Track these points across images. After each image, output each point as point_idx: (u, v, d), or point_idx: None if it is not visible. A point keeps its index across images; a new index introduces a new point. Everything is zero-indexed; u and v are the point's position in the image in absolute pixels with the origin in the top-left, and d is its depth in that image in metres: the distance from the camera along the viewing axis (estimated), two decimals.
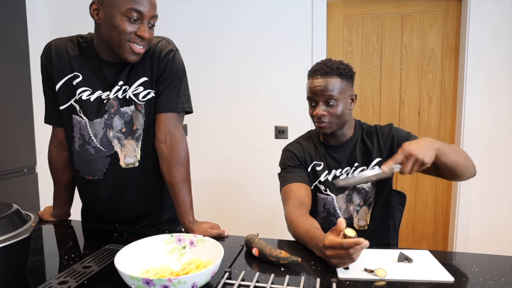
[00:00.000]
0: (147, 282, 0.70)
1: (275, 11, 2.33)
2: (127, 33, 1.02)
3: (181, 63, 1.19)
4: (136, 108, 1.14)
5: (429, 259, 0.95)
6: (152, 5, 1.05)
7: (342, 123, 1.24)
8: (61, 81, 1.14)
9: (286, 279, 0.83)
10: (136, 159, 1.17)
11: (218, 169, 2.53)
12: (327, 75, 1.20)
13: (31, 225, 0.83)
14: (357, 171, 1.27)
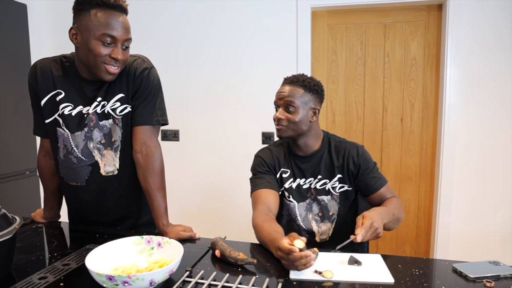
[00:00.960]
0: (109, 278, 0.80)
1: (260, 20, 2.41)
2: (102, 56, 1.11)
3: (156, 80, 1.27)
4: (114, 121, 1.23)
5: (378, 262, 1.03)
6: (125, 29, 1.13)
7: (299, 131, 1.30)
8: (45, 98, 1.23)
9: (239, 278, 0.92)
10: (115, 168, 1.26)
11: (207, 173, 2.63)
12: (292, 84, 1.30)
13: (15, 227, 0.94)
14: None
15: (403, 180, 2.41)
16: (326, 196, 1.35)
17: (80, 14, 1.11)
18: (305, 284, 0.91)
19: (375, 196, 1.33)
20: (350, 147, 1.35)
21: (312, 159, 1.36)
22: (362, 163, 1.32)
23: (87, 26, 1.10)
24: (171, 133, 2.67)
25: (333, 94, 2.44)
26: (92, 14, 1.09)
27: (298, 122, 1.28)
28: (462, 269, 0.97)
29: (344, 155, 1.34)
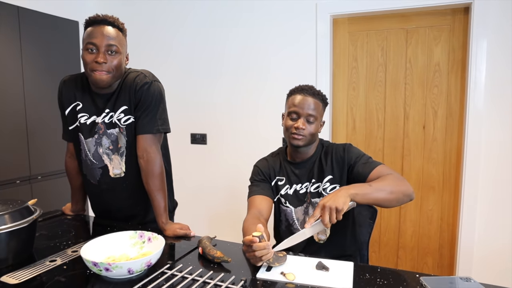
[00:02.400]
0: (94, 264, 0.96)
1: (280, 29, 2.49)
2: (89, 63, 1.28)
3: (157, 92, 1.40)
4: (119, 130, 1.40)
5: (346, 270, 1.07)
6: (105, 36, 1.28)
7: (312, 141, 1.40)
8: (68, 108, 1.45)
9: (210, 273, 1.04)
10: (122, 171, 1.44)
11: (231, 175, 2.77)
12: (314, 96, 1.38)
13: (33, 217, 1.15)
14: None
15: (425, 189, 2.34)
16: (319, 198, 1.40)
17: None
18: (267, 284, 0.99)
19: (370, 180, 1.31)
20: (336, 147, 1.43)
21: (306, 165, 1.44)
22: (348, 156, 1.38)
23: (82, 42, 1.31)
24: (200, 137, 2.85)
25: (353, 101, 2.45)
26: (85, 32, 1.31)
27: (314, 133, 1.38)
28: (427, 283, 0.98)
29: (331, 155, 1.41)
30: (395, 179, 1.25)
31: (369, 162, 1.34)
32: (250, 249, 1.03)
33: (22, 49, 2.40)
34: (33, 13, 2.47)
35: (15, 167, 2.39)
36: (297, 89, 1.42)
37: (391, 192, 1.21)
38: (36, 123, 2.51)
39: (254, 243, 1.02)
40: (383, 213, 2.45)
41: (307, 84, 1.45)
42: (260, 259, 1.03)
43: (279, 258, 1.09)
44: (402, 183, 1.24)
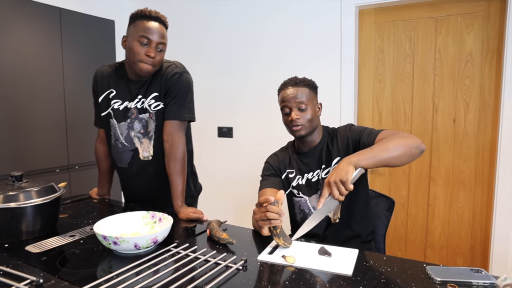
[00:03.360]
0: (104, 237, 1.03)
1: (303, 22, 2.48)
2: (139, 54, 1.39)
3: (186, 82, 1.51)
4: (149, 115, 1.50)
5: (349, 256, 1.05)
6: (159, 34, 1.40)
7: (313, 127, 1.40)
8: (102, 95, 1.56)
9: (213, 252, 1.07)
10: (150, 154, 1.53)
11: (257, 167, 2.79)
12: (296, 85, 1.40)
13: (56, 195, 1.25)
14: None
15: (455, 186, 2.22)
16: None
17: (129, 25, 1.43)
18: (267, 265, 1.01)
19: None
20: (340, 129, 1.44)
21: (314, 152, 1.45)
22: (352, 133, 1.38)
23: (132, 32, 1.41)
24: (226, 130, 2.91)
25: (379, 94, 2.38)
26: (136, 23, 1.40)
27: (311, 118, 1.39)
28: (432, 272, 0.95)
29: (337, 138, 1.42)
30: (398, 135, 1.23)
31: (372, 132, 1.34)
32: (263, 209, 1.06)
33: (63, 47, 2.59)
34: (73, 14, 2.65)
35: (55, 157, 2.58)
36: (280, 86, 1.45)
37: (396, 148, 1.18)
38: (75, 116, 2.69)
39: (268, 202, 1.05)
40: (410, 210, 2.36)
41: (292, 77, 1.46)
42: (269, 221, 1.06)
43: (286, 236, 1.11)
44: (406, 137, 1.22)
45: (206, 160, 2.98)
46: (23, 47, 2.36)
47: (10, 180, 1.23)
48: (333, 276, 0.94)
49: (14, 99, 2.34)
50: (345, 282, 0.91)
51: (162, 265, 0.98)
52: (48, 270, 0.95)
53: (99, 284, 0.86)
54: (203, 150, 2.98)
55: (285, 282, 0.91)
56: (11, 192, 1.14)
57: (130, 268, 0.96)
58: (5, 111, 2.29)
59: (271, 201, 1.07)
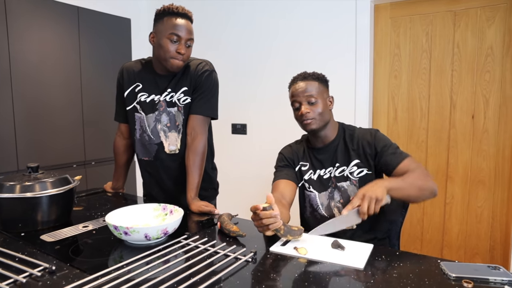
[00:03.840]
0: (115, 227, 1.04)
1: (319, 18, 2.46)
2: (169, 51, 1.42)
3: (214, 81, 1.55)
4: (178, 109, 1.53)
5: (363, 250, 1.03)
6: (187, 31, 1.44)
7: (324, 121, 1.38)
8: (128, 89, 1.59)
9: (222, 245, 1.07)
10: (177, 148, 1.56)
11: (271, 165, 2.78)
12: (305, 79, 1.39)
13: (70, 186, 1.27)
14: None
15: (474, 184, 2.16)
16: (345, 182, 1.39)
17: (157, 22, 1.46)
18: (278, 257, 1.00)
19: (398, 172, 1.30)
20: (363, 132, 1.40)
21: (329, 149, 1.42)
22: (377, 142, 1.35)
23: (160, 29, 1.43)
24: (240, 127, 2.91)
25: (395, 90, 2.33)
26: (165, 20, 1.43)
27: (322, 112, 1.37)
28: (447, 268, 0.92)
29: (358, 140, 1.38)
30: (423, 174, 1.25)
31: (397, 153, 1.32)
32: (257, 217, 1.05)
33: (80, 45, 2.64)
34: (91, 12, 2.70)
35: (72, 153, 2.64)
36: (290, 82, 1.44)
37: (421, 189, 1.22)
38: (91, 113, 2.74)
39: (257, 210, 1.03)
40: (426, 209, 2.31)
41: (302, 72, 1.44)
42: (267, 227, 1.04)
43: (292, 231, 1.09)
44: (429, 179, 1.25)
45: (220, 157, 2.98)
46: (42, 45, 2.42)
47: (27, 171, 1.26)
48: (344, 268, 0.93)
49: (33, 96, 2.40)
50: (356, 276, 0.89)
51: (172, 256, 0.99)
52: (61, 258, 0.97)
53: (109, 272, 0.87)
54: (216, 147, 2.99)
55: (294, 274, 0.90)
56: (27, 183, 1.17)
57: (140, 258, 0.97)
58: (25, 108, 2.35)
59: (260, 208, 1.04)
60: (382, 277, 0.88)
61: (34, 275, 0.86)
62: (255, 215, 1.06)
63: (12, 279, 0.83)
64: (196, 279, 0.84)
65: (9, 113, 2.28)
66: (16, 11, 2.28)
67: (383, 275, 0.89)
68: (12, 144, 2.30)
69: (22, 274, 0.85)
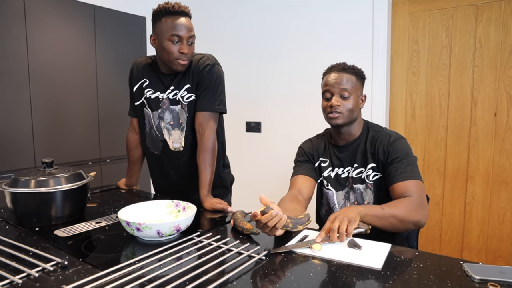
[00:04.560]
0: (127, 223, 1.03)
1: (334, 14, 2.41)
2: (173, 53, 1.41)
3: (218, 74, 1.51)
4: (182, 107, 1.52)
5: (381, 250, 1.00)
6: (187, 28, 1.41)
7: (352, 118, 1.32)
8: (136, 85, 1.60)
9: (235, 242, 1.05)
10: (181, 145, 1.55)
11: (285, 163, 2.76)
12: (343, 70, 1.32)
13: (84, 182, 1.27)
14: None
15: (496, 184, 2.08)
16: (361, 185, 1.35)
17: (155, 23, 1.44)
18: (292, 256, 0.97)
19: (394, 190, 1.24)
20: (384, 135, 1.32)
21: (349, 148, 1.37)
22: (391, 151, 1.28)
23: (160, 31, 1.41)
24: (254, 125, 2.89)
25: (413, 87, 2.27)
26: (163, 21, 1.40)
27: (352, 108, 1.31)
28: (470, 270, 0.88)
29: (376, 143, 1.32)
30: (415, 204, 1.16)
31: (405, 171, 1.23)
32: (260, 223, 1.02)
33: (96, 44, 2.66)
34: (107, 11, 2.72)
35: (88, 150, 2.67)
36: (326, 70, 1.38)
37: (402, 221, 1.13)
38: (107, 111, 2.76)
39: (256, 217, 1.00)
40: (445, 209, 2.24)
41: (341, 62, 1.38)
42: (275, 228, 1.01)
43: (300, 220, 1.05)
44: (417, 211, 1.15)
45: (234, 156, 2.97)
46: (59, 43, 2.45)
47: (41, 167, 1.26)
48: (361, 269, 0.89)
49: (50, 94, 2.43)
50: (373, 276, 0.85)
51: (184, 253, 0.97)
52: (73, 253, 0.96)
53: (121, 269, 0.86)
54: (231, 145, 2.98)
55: (309, 273, 0.87)
56: (41, 178, 1.18)
57: (152, 254, 0.95)
58: (42, 105, 2.39)
59: (258, 215, 1.01)
60: (401, 278, 0.85)
61: (47, 269, 0.86)
62: (257, 222, 1.03)
63: (25, 273, 0.83)
64: (208, 277, 0.82)
65: (27, 111, 2.32)
66: (35, 10, 2.31)
67: (402, 276, 0.85)
68: (29, 141, 2.34)
69: (35, 269, 0.85)
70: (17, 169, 2.26)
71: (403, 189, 1.21)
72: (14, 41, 2.24)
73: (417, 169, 1.26)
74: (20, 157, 2.30)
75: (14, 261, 0.89)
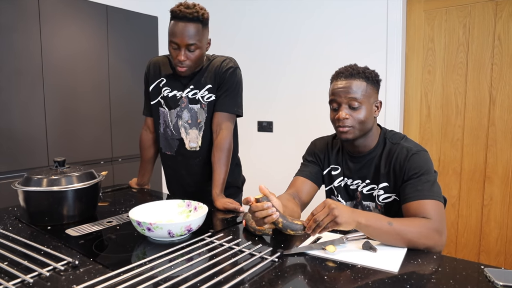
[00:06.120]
0: (138, 223, 1.02)
1: (348, 13, 2.38)
2: (173, 57, 1.41)
3: (238, 78, 1.52)
4: (201, 106, 1.51)
5: (397, 253, 0.96)
6: (187, 35, 1.36)
7: (365, 130, 1.17)
8: (153, 84, 1.59)
9: (247, 243, 1.03)
10: (198, 145, 1.54)
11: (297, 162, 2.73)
12: (351, 77, 1.15)
13: (96, 181, 1.27)
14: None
15: None
16: (372, 202, 1.23)
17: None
18: (305, 258, 0.95)
19: (406, 210, 1.09)
20: (401, 149, 1.15)
21: (362, 160, 1.24)
22: (408, 167, 1.11)
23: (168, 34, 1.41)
24: (266, 124, 2.87)
25: (428, 86, 2.22)
26: (170, 24, 1.40)
27: (364, 120, 1.14)
28: (492, 275, 0.84)
29: (392, 159, 1.16)
30: (428, 229, 0.99)
31: (422, 189, 1.07)
32: (250, 210, 0.98)
33: (108, 44, 2.68)
34: (119, 11, 2.73)
35: (100, 149, 2.68)
36: (333, 75, 1.21)
37: (410, 242, 0.98)
38: (119, 111, 2.78)
39: (249, 202, 0.97)
40: (462, 211, 2.18)
41: (350, 64, 1.21)
42: (262, 221, 0.98)
43: (293, 225, 0.99)
44: (433, 237, 0.99)
45: (246, 154, 2.95)
46: (72, 43, 2.47)
47: (54, 165, 1.27)
48: (376, 272, 0.87)
49: (64, 94, 2.45)
50: (390, 280, 0.82)
51: (196, 254, 0.96)
52: (84, 253, 0.96)
53: (132, 269, 0.85)
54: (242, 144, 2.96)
55: (323, 276, 0.85)
56: (53, 176, 1.18)
57: (163, 255, 0.94)
58: (55, 106, 2.41)
59: (251, 201, 0.97)
60: (419, 282, 0.81)
61: (58, 269, 0.85)
62: (249, 208, 1.00)
63: (36, 272, 0.83)
64: (220, 279, 0.80)
65: (41, 111, 2.35)
66: (49, 10, 2.34)
67: (420, 280, 0.82)
68: (43, 141, 2.36)
69: (46, 268, 0.85)
70: (31, 167, 2.29)
71: (419, 210, 1.05)
72: (29, 41, 2.26)
73: (438, 188, 1.09)
74: (34, 156, 2.33)
75: (26, 260, 0.89)
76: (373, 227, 0.98)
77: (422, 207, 1.04)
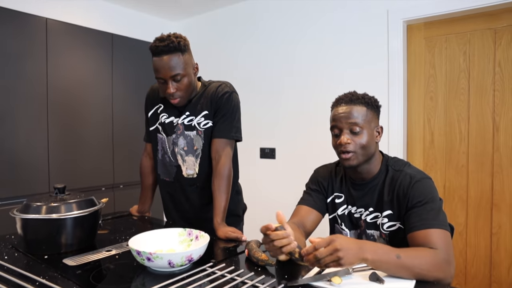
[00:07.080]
0: (138, 253, 0.99)
1: (349, 41, 2.42)
2: (164, 92, 1.43)
3: (235, 102, 1.51)
4: (197, 133, 1.50)
5: (404, 285, 0.92)
6: (168, 68, 1.36)
7: (368, 155, 1.16)
8: (152, 110, 1.60)
9: (250, 274, 0.99)
10: (195, 172, 1.52)
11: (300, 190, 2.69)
12: (351, 102, 1.17)
13: (96, 208, 1.24)
14: None
15: None
16: (376, 231, 1.21)
17: None
18: None
19: (411, 239, 1.06)
20: (404, 176, 1.14)
21: (365, 187, 1.22)
22: (412, 194, 1.10)
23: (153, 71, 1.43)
24: (269, 151, 2.86)
25: (431, 112, 2.22)
26: (152, 62, 1.41)
27: (366, 144, 1.14)
28: None
29: (395, 186, 1.15)
30: (438, 260, 0.96)
31: (427, 218, 1.04)
32: (268, 239, 0.95)
33: (113, 71, 2.72)
34: (124, 39, 2.80)
35: (101, 176, 2.67)
36: (334, 102, 1.23)
37: (419, 275, 0.94)
38: (121, 137, 2.78)
39: (269, 229, 0.94)
40: (469, 239, 2.13)
41: (349, 91, 1.22)
42: (280, 250, 0.95)
43: None
44: (443, 268, 0.96)
45: (248, 182, 2.92)
46: (77, 70, 2.51)
47: (54, 192, 1.25)
48: None
49: (67, 120, 2.47)
50: None
51: (197, 285, 0.92)
52: (81, 284, 0.92)
53: None
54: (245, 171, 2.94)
55: None
56: (53, 204, 1.16)
57: (163, 286, 0.91)
58: (58, 132, 2.42)
59: (272, 228, 0.95)
60: None
61: None
62: (266, 236, 0.97)
63: None
64: None
65: (44, 136, 2.35)
66: (56, 37, 2.39)
67: None
68: (45, 167, 2.36)
69: None
70: (32, 194, 2.26)
71: (425, 240, 1.01)
72: (35, 68, 2.30)
73: (444, 216, 1.07)
74: (35, 182, 2.31)
75: None
76: (381, 261, 0.95)
77: (429, 237, 1.02)
